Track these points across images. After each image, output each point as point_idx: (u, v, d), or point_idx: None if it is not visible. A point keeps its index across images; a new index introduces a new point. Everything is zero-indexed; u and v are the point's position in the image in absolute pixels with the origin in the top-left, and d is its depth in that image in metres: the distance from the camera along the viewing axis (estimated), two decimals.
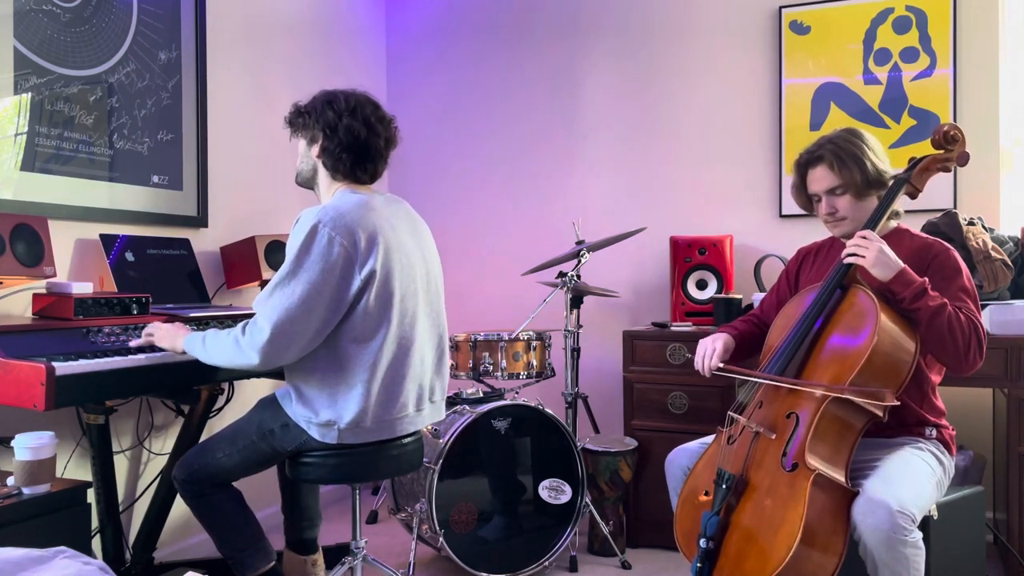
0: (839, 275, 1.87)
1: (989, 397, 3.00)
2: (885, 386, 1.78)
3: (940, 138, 1.94)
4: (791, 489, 1.69)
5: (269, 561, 2.10)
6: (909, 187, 1.96)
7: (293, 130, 2.11)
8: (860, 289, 1.85)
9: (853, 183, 1.96)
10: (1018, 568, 2.48)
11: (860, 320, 1.79)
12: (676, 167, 3.56)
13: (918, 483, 1.77)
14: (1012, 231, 2.84)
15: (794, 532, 1.63)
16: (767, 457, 1.78)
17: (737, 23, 3.45)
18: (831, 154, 1.98)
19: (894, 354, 1.78)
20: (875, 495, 1.66)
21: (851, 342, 1.79)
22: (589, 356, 3.58)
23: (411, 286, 2.00)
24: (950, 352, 1.80)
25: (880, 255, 1.80)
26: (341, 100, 2.02)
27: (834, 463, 1.75)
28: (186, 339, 1.95)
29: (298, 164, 2.12)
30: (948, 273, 1.89)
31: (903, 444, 1.90)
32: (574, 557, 2.75)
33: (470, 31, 3.94)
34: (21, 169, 2.29)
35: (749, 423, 1.84)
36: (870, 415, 1.78)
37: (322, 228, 1.86)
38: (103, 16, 2.54)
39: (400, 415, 1.99)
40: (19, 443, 1.81)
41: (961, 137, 1.94)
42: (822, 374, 1.80)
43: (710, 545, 1.73)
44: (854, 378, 1.74)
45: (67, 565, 1.10)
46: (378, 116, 2.05)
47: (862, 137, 2.00)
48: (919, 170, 1.96)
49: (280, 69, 3.34)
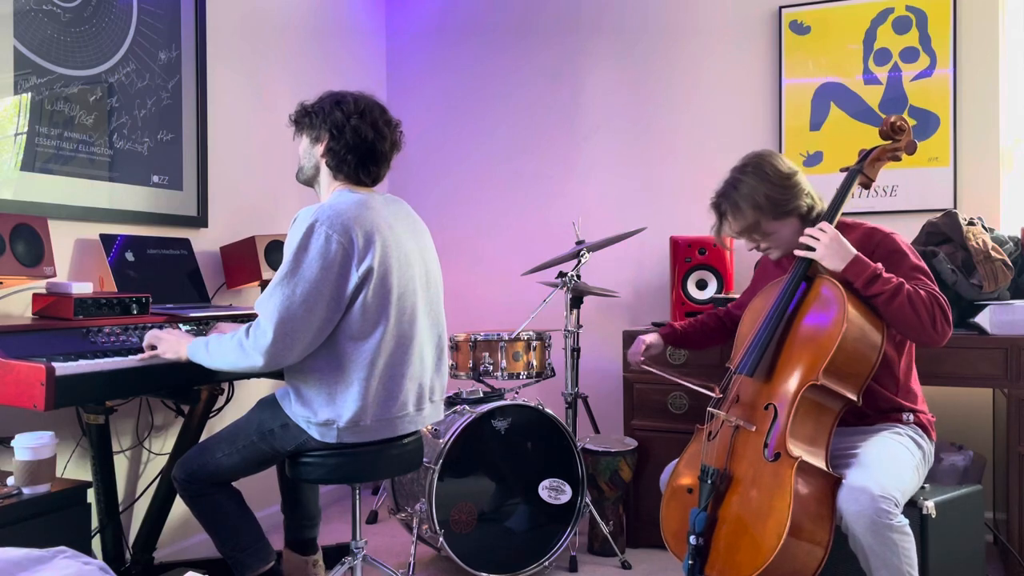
0: (801, 269, 1.93)
1: (989, 397, 3.00)
2: (858, 371, 1.83)
3: (888, 129, 2.03)
4: (776, 478, 1.72)
5: (269, 561, 2.10)
6: (862, 177, 2.04)
7: (298, 128, 2.11)
8: (825, 279, 1.90)
9: (754, 223, 2.03)
10: (1018, 568, 2.48)
11: (827, 308, 1.84)
12: (676, 167, 3.56)
13: (897, 467, 1.80)
14: (1012, 231, 2.84)
15: (783, 520, 1.65)
16: (749, 449, 1.81)
17: (737, 23, 3.45)
18: (725, 203, 2.07)
19: (863, 339, 1.83)
20: (856, 482, 1.70)
21: (821, 330, 1.83)
22: (589, 356, 3.58)
23: (410, 284, 2.00)
24: (916, 327, 1.84)
25: (831, 245, 1.87)
26: (350, 102, 2.02)
27: (815, 448, 1.79)
28: (189, 347, 1.94)
29: (300, 161, 2.11)
30: (895, 257, 1.95)
31: (880, 430, 1.94)
32: (574, 557, 2.75)
33: (470, 31, 3.94)
34: (21, 169, 2.29)
35: (728, 417, 1.88)
36: (845, 399, 1.83)
37: (319, 227, 1.86)
38: (103, 16, 2.54)
39: (400, 414, 1.99)
40: (19, 443, 1.81)
41: (907, 127, 2.04)
42: (796, 364, 1.84)
43: (700, 541, 1.76)
44: (827, 365, 1.78)
45: (67, 565, 1.10)
46: (385, 120, 2.05)
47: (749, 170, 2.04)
48: (870, 160, 2.04)
49: (280, 69, 3.34)
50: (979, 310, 2.58)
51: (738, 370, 1.95)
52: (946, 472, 2.68)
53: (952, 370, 2.53)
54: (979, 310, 2.58)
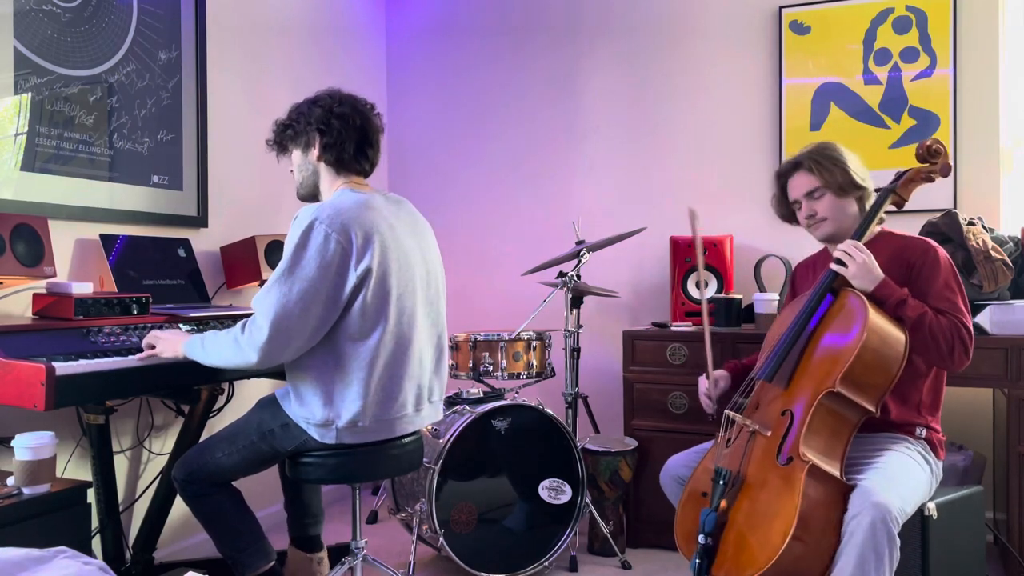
0: (828, 280, 1.95)
1: (989, 397, 3.00)
2: (877, 382, 1.83)
3: (924, 152, 2.03)
4: (786, 481, 1.72)
5: (269, 561, 2.10)
6: (895, 196, 2.05)
7: (282, 147, 2.11)
8: (850, 292, 1.91)
9: (833, 183, 2.05)
10: (1018, 568, 2.48)
11: (849, 319, 1.85)
12: (676, 167, 3.56)
13: (912, 484, 1.81)
14: (1012, 231, 2.84)
15: (789, 521, 1.65)
16: (763, 453, 1.82)
17: (737, 23, 3.45)
18: (808, 159, 2.09)
19: (883, 351, 1.83)
20: (876, 493, 1.67)
21: (841, 340, 1.84)
22: (589, 356, 3.58)
23: (409, 285, 2.00)
24: (934, 355, 1.89)
25: (863, 267, 1.90)
26: (325, 97, 2.06)
27: (829, 457, 1.78)
28: (185, 344, 1.95)
29: (297, 176, 2.11)
30: (930, 272, 1.96)
31: (895, 442, 1.93)
32: (574, 557, 2.75)
33: (470, 31, 3.94)
34: (21, 169, 2.29)
35: (746, 421, 1.89)
36: (862, 410, 1.83)
37: (318, 225, 1.86)
38: (103, 16, 2.54)
39: (399, 415, 1.99)
40: (19, 443, 1.81)
41: (944, 150, 2.03)
42: (814, 372, 1.85)
43: (708, 541, 1.76)
44: (844, 373, 1.78)
45: (67, 565, 1.10)
46: (363, 103, 2.09)
47: (837, 147, 2.11)
48: (904, 181, 2.05)
49: (280, 69, 3.34)
50: (979, 310, 2.58)
51: (758, 375, 1.96)
52: (946, 472, 2.67)
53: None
54: (979, 310, 2.58)
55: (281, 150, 2.12)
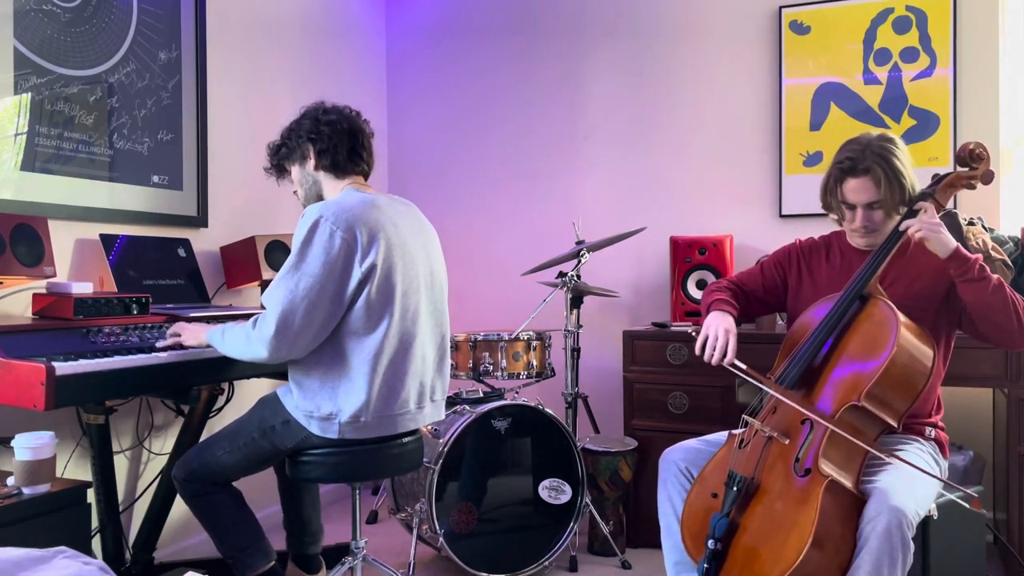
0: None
1: (989, 397, 3.00)
2: (902, 397, 1.77)
3: (966, 155, 1.92)
4: (803, 494, 1.68)
5: (269, 561, 2.10)
6: (932, 202, 1.93)
7: (279, 168, 2.17)
8: (880, 300, 1.84)
9: (891, 201, 1.93)
10: (1018, 568, 2.48)
11: (880, 330, 1.78)
12: (676, 167, 3.56)
13: (925, 487, 1.77)
14: (1012, 231, 2.84)
15: (805, 536, 1.62)
16: (779, 461, 1.77)
17: (737, 23, 3.45)
18: (880, 168, 1.91)
19: (912, 366, 1.77)
20: (893, 496, 1.65)
21: (869, 352, 1.77)
22: (589, 356, 3.58)
23: (414, 283, 2.01)
24: (1004, 328, 1.80)
25: (943, 233, 1.81)
26: (311, 108, 2.13)
27: (846, 471, 1.74)
28: (207, 333, 2.02)
29: (300, 193, 2.16)
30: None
31: (908, 443, 1.90)
32: (574, 557, 2.75)
33: (470, 32, 3.94)
34: (21, 169, 2.29)
35: (763, 427, 1.83)
36: (884, 424, 1.78)
37: (323, 222, 1.88)
38: (103, 16, 2.54)
39: (401, 411, 2.00)
40: (19, 443, 1.81)
41: (987, 155, 1.92)
42: (838, 384, 1.79)
43: (718, 547, 1.73)
44: (871, 388, 1.73)
45: (67, 565, 1.10)
46: (348, 110, 2.15)
47: (901, 153, 1.95)
48: (943, 186, 1.94)
49: (280, 69, 3.34)
50: None
51: (778, 380, 1.89)
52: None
53: (952, 370, 2.51)
54: None
55: (280, 173, 2.19)
